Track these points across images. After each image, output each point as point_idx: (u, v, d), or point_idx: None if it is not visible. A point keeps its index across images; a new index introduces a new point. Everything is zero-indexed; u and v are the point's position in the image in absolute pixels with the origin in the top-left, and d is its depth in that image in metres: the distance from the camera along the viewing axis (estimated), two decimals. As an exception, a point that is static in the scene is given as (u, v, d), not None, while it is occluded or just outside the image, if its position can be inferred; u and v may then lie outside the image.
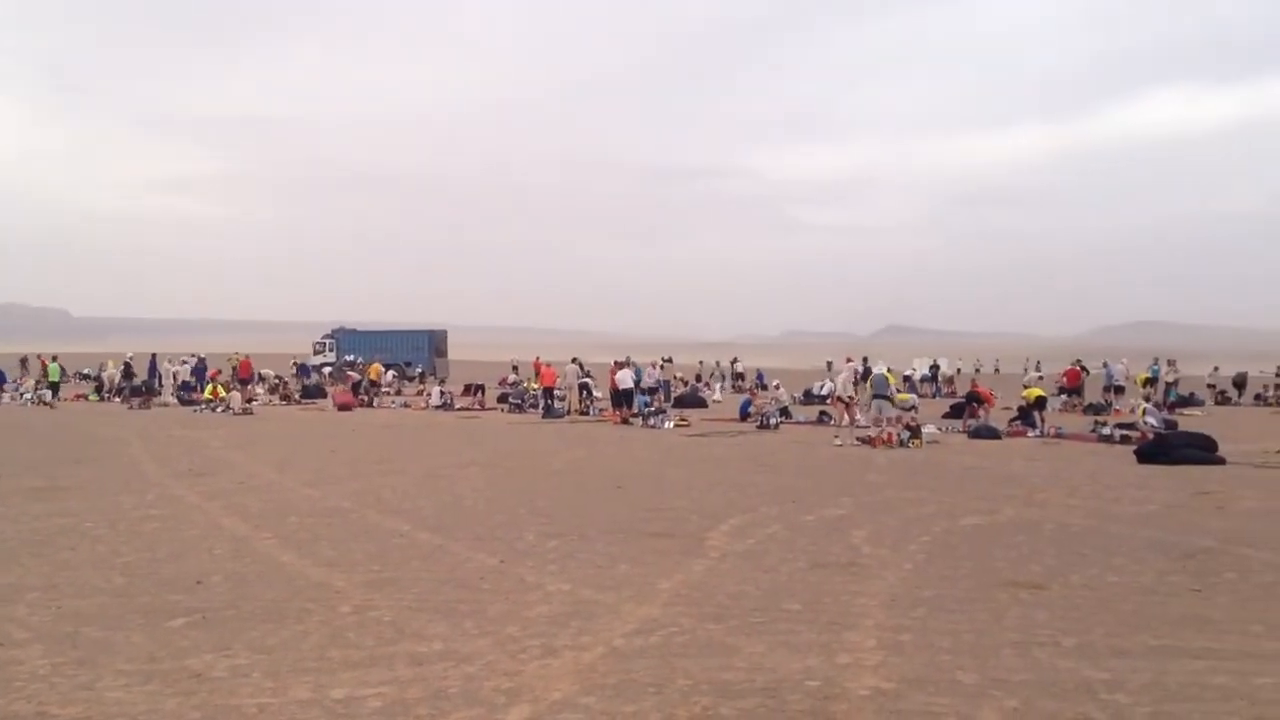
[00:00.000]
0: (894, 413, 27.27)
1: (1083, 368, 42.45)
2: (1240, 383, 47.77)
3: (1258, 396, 46.05)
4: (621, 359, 40.40)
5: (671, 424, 31.55)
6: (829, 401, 35.05)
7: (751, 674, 7.37)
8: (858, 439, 25.87)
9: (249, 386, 47.28)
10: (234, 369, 50.50)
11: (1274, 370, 50.13)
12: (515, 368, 50.05)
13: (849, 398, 29.71)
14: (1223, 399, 45.68)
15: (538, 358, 45.51)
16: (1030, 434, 28.42)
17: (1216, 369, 49.79)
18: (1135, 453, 21.98)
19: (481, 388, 44.66)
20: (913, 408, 28.09)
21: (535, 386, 39.68)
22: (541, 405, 36.95)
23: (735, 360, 63.13)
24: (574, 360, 41.64)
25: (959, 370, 64.99)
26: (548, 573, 10.82)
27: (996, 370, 75.39)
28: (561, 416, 35.59)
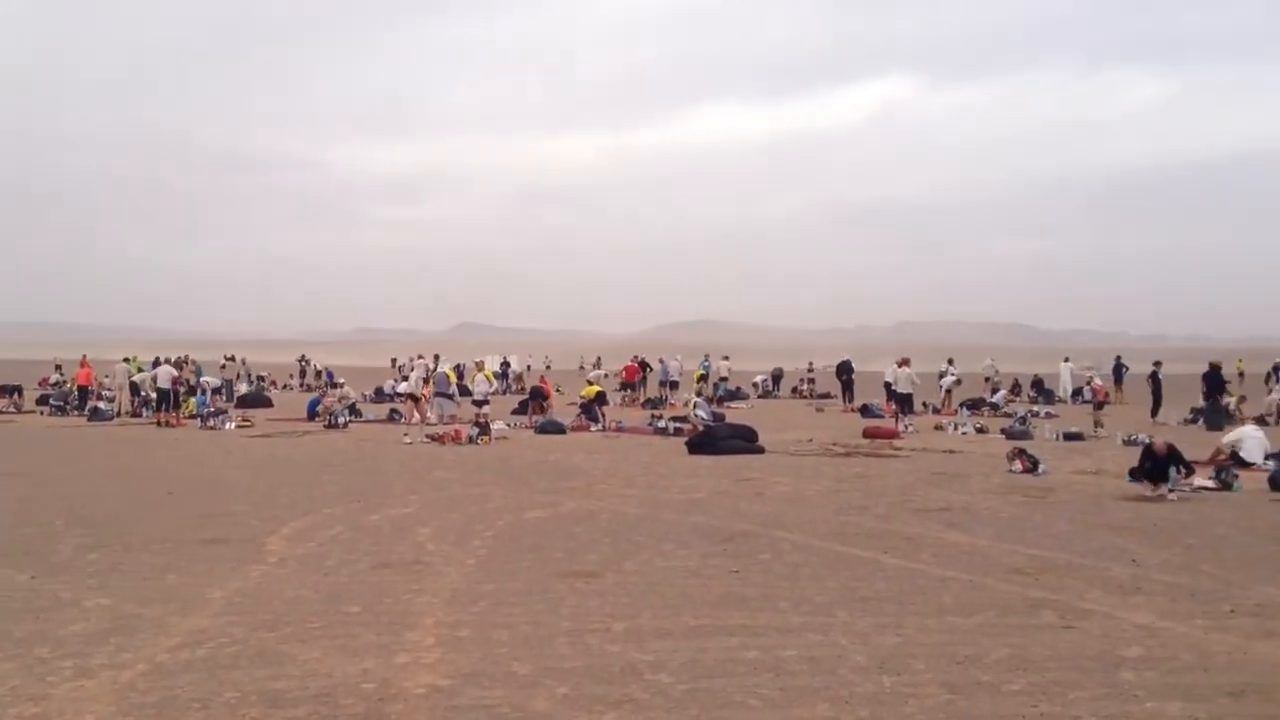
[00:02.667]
0: (455, 410, 27.67)
1: (642, 364, 44.65)
2: (778, 377, 52.12)
3: (794, 390, 50.37)
4: (182, 356, 38.23)
5: (233, 424, 30.21)
6: (399, 400, 34.89)
7: (305, 681, 7.17)
8: (427, 436, 25.87)
9: None
10: None
11: (806, 366, 54.90)
12: (59, 367, 46.17)
13: (420, 395, 29.75)
14: (765, 393, 49.58)
15: (84, 356, 42.11)
16: (593, 428, 29.54)
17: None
18: (686, 444, 23.39)
19: (18, 389, 40.75)
20: (485, 402, 28.48)
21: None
22: (87, 407, 34.31)
23: (304, 358, 61.42)
24: (126, 359, 38.92)
25: (529, 367, 66.53)
26: (86, 588, 10.03)
27: (581, 368, 77.74)
28: (109, 419, 33.18)
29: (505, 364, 57.59)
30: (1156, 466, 15.91)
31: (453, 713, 6.56)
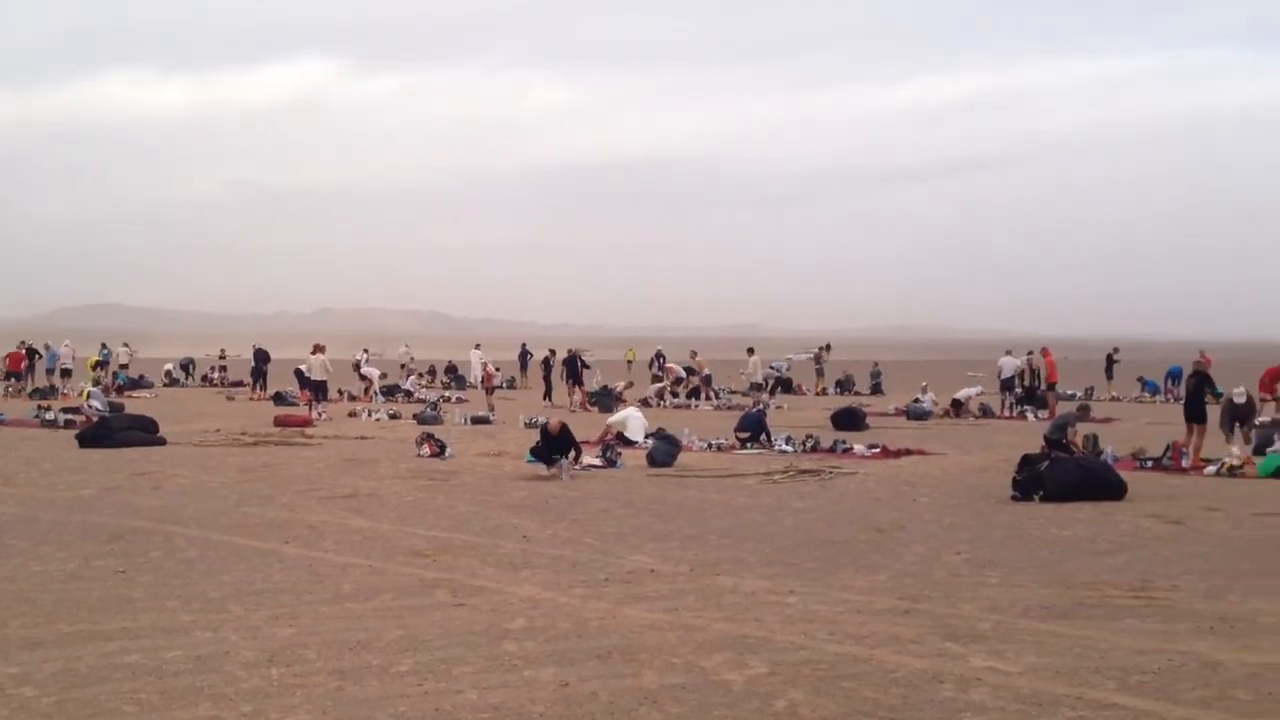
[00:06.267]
0: None
1: (29, 351, 40.63)
2: (187, 365, 49.84)
3: (205, 378, 48.39)
4: None
5: None
6: None
7: None
8: None
9: None
10: None
11: (219, 353, 52.73)
12: None
13: None
14: (173, 381, 47.13)
15: None
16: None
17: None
18: (77, 437, 21.64)
19: None
20: None
21: None
22: None
23: None
24: None
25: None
26: None
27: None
28: None
29: None
30: (550, 446, 16.98)
31: None
